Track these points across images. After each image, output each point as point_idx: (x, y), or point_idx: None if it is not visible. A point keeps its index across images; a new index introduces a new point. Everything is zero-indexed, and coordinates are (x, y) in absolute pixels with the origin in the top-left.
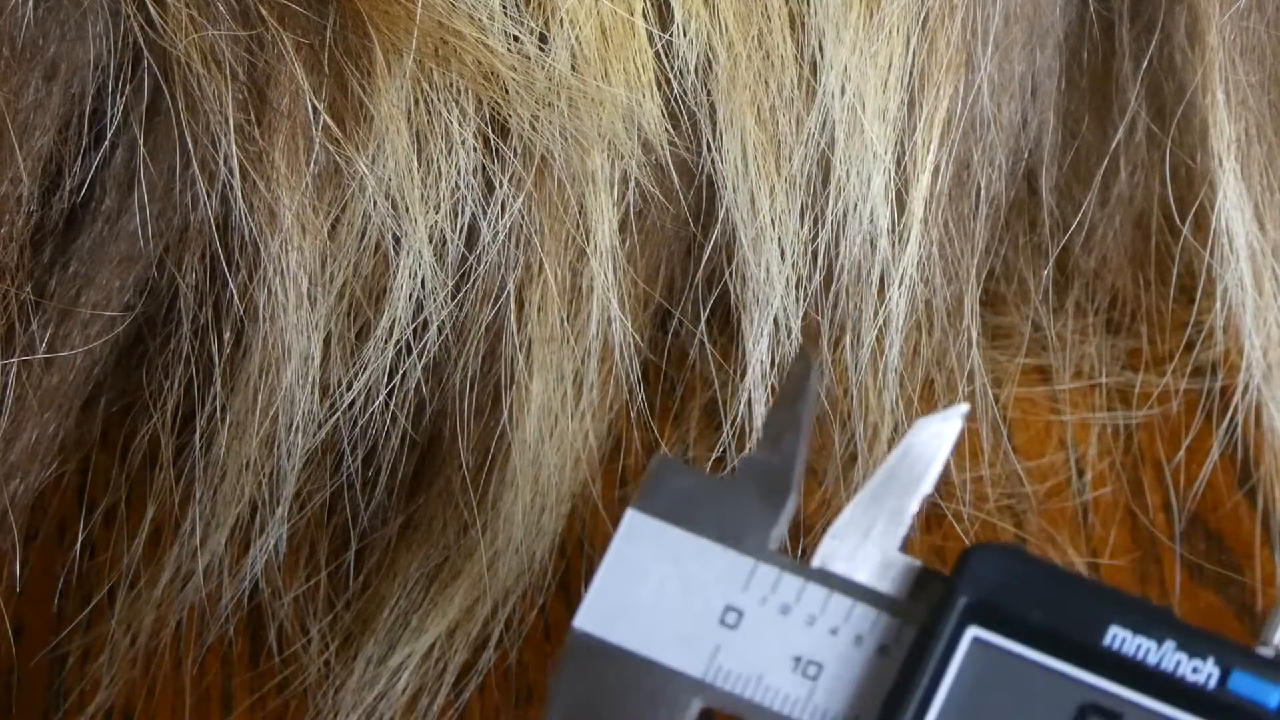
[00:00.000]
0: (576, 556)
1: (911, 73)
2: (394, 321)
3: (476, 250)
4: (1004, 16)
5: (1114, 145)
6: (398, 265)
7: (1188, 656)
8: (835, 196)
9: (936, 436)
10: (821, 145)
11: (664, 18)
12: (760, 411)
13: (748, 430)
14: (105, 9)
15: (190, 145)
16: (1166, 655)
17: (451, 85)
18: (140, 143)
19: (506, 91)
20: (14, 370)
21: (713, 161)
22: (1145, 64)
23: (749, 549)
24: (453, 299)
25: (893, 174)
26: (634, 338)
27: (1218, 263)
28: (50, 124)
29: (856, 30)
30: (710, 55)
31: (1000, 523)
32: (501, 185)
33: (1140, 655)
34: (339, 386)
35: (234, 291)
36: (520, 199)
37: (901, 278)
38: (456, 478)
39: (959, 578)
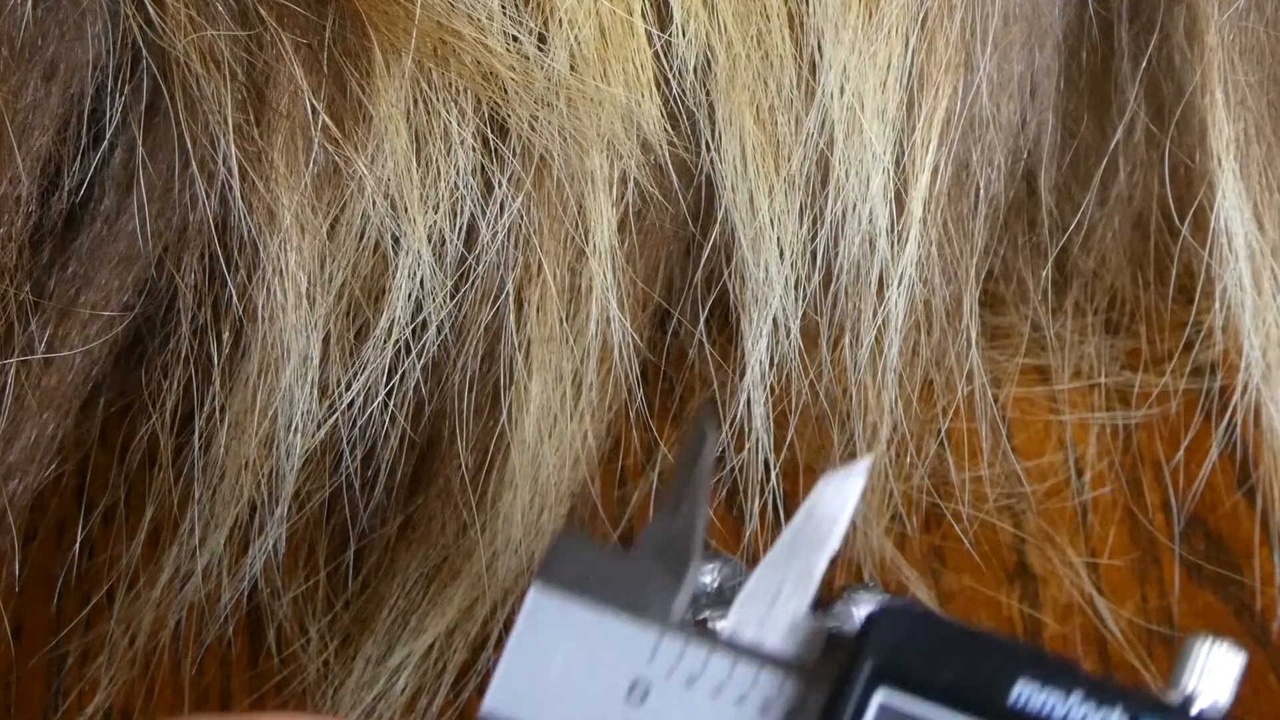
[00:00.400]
0: None
1: (910, 72)
2: (393, 321)
3: (475, 250)
4: (1003, 16)
5: (1113, 145)
6: (397, 265)
7: (1095, 707)
8: (834, 196)
9: (840, 494)
10: (820, 145)
11: (663, 18)
12: (760, 412)
13: (746, 430)
14: (104, 9)
15: (189, 145)
16: (1073, 708)
17: (450, 85)
18: (139, 143)
19: (505, 91)
20: (13, 370)
21: (711, 161)
22: (1144, 64)
23: (653, 620)
24: (452, 299)
25: (892, 174)
26: (633, 338)
27: (1217, 262)
28: (49, 124)
29: (855, 30)
30: (709, 55)
31: (999, 523)
32: (500, 185)
33: (1047, 710)
34: (338, 386)
35: (233, 291)
36: (519, 199)
37: (900, 278)
38: (455, 478)
39: (865, 640)
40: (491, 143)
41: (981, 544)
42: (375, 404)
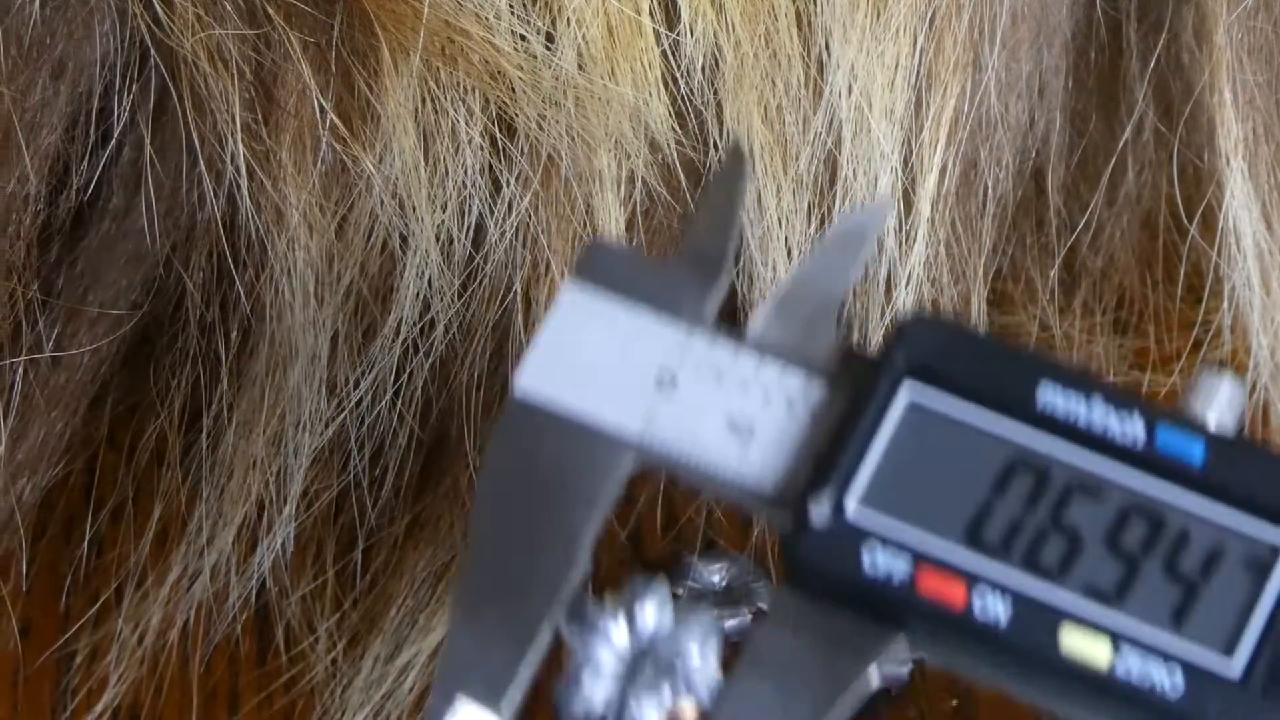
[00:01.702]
0: None
1: (918, 72)
2: (401, 320)
3: (483, 249)
4: (1011, 16)
5: (1121, 144)
6: (404, 264)
7: (1114, 410)
8: (842, 196)
9: (866, 223)
10: (828, 144)
11: (670, 17)
12: None
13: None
14: (112, 8)
15: (197, 144)
16: (1094, 411)
17: (458, 84)
18: (147, 142)
19: (513, 90)
20: (21, 369)
21: (719, 160)
22: (1153, 63)
23: (684, 318)
24: (459, 298)
25: (900, 173)
26: None
27: (1225, 262)
28: (57, 123)
29: (863, 29)
30: (717, 54)
31: None
32: (508, 184)
33: (1068, 412)
34: (346, 385)
35: (241, 290)
36: (527, 198)
37: (909, 277)
38: (464, 476)
39: (898, 342)
40: (499, 142)
41: None
42: (383, 403)
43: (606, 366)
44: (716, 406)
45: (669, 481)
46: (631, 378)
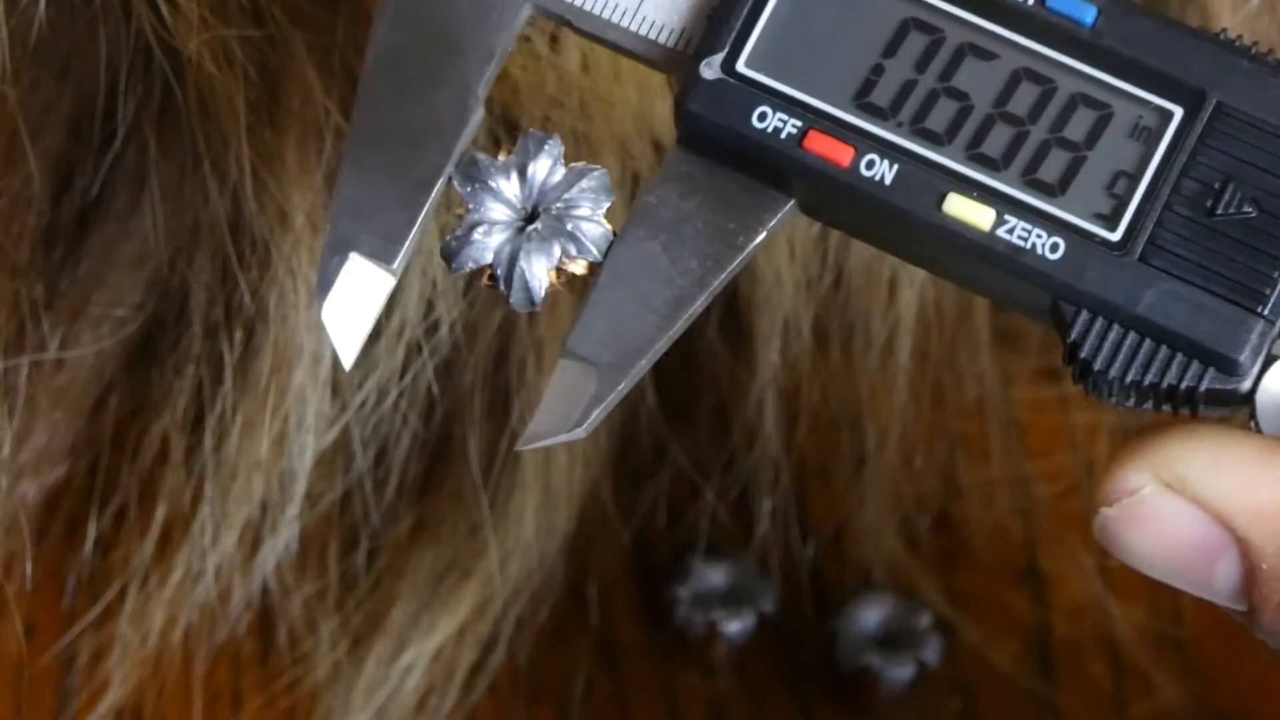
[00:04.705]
0: (587, 556)
1: None
2: (405, 321)
3: None
4: None
5: None
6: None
7: None
8: None
9: None
10: None
11: None
12: (771, 413)
13: (758, 431)
14: (117, 9)
15: (202, 145)
16: None
17: None
18: (152, 143)
19: (517, 91)
20: (25, 370)
21: None
22: None
23: None
24: (464, 298)
25: None
26: None
27: None
28: (62, 124)
29: None
30: None
31: (1009, 524)
32: None
33: None
34: (350, 386)
35: (245, 291)
36: None
37: (912, 278)
38: (467, 478)
39: None
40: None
41: (992, 546)
42: (387, 403)
43: None
44: None
45: (671, 481)
46: None
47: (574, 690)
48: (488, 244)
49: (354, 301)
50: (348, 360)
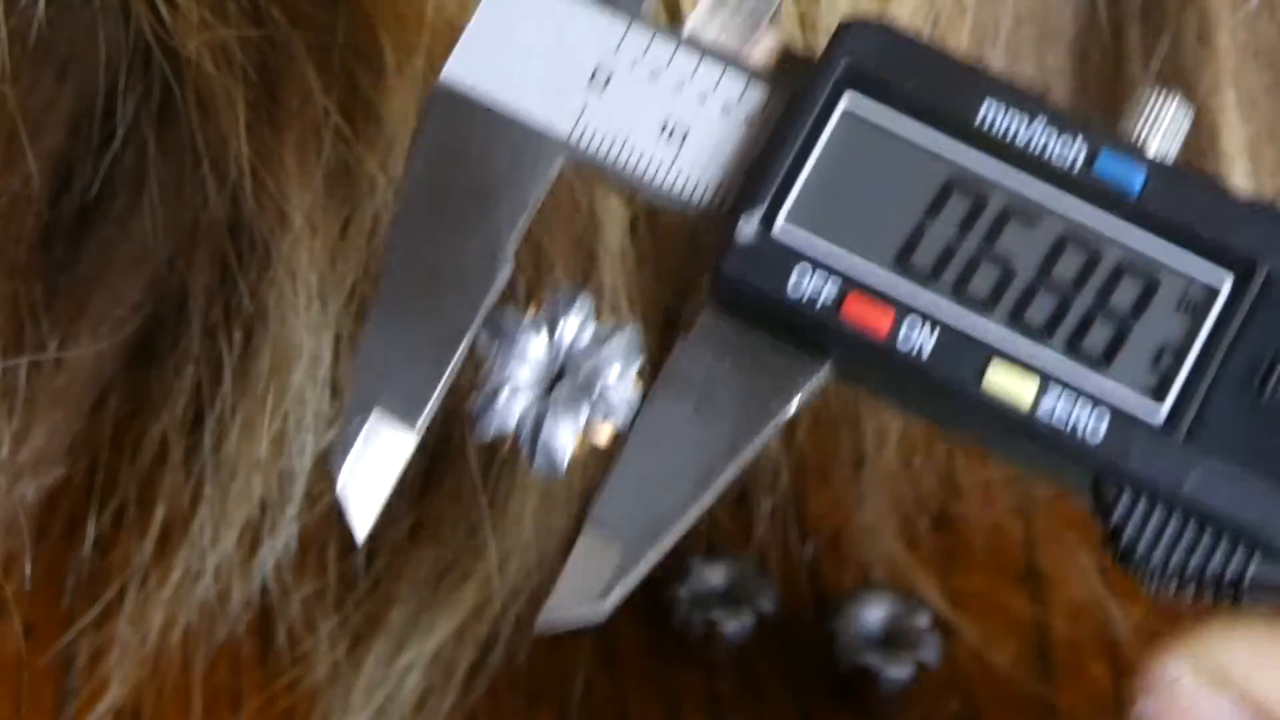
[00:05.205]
0: None
1: None
2: None
3: None
4: (1014, 18)
5: None
6: None
7: (1058, 133)
8: None
9: None
10: None
11: (674, 16)
12: None
13: None
14: (116, 9)
15: (201, 145)
16: (1036, 133)
17: None
18: (151, 143)
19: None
20: (24, 370)
21: None
22: (1156, 66)
23: (622, 11)
24: None
25: None
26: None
27: None
28: (61, 124)
29: None
30: None
31: (1009, 524)
32: None
33: (1010, 132)
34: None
35: (244, 291)
36: None
37: None
38: (466, 478)
39: (837, 46)
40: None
41: (991, 546)
42: None
43: (539, 59)
44: (650, 107)
45: None
46: (564, 73)
47: (573, 690)
48: (511, 409)
49: (372, 467)
50: (360, 533)
